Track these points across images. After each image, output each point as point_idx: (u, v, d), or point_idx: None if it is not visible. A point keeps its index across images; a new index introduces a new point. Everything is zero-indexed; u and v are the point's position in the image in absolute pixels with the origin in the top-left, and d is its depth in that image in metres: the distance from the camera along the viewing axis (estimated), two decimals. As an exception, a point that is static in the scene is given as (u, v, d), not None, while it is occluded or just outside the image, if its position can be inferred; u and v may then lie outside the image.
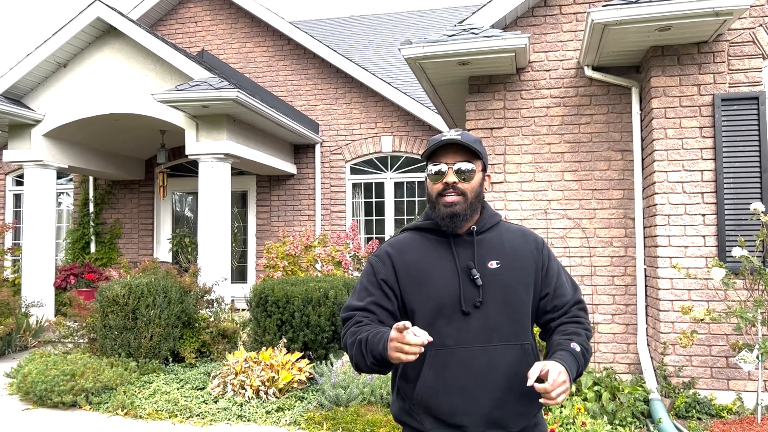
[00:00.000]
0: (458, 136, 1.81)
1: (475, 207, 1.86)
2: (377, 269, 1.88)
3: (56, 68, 8.76)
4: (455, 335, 1.78)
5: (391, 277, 1.86)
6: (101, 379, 5.49)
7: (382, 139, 10.29)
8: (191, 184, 11.20)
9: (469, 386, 1.76)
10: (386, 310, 1.84)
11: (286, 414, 4.96)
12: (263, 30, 11.03)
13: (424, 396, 1.79)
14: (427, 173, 1.87)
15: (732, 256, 4.83)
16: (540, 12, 6.06)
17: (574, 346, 1.80)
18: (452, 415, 1.77)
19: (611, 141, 5.84)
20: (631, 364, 5.66)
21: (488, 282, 1.81)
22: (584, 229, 5.85)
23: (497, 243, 1.88)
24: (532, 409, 1.83)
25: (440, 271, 1.83)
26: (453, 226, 1.83)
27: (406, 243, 1.91)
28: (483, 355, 1.77)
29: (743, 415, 4.83)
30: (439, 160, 1.83)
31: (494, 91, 6.10)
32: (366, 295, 1.87)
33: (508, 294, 1.82)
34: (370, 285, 1.87)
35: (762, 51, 5.21)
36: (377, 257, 1.91)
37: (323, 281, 6.21)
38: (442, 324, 1.79)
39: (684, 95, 5.26)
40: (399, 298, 1.85)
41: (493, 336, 1.78)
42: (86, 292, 9.05)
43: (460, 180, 1.81)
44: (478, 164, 1.86)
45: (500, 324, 1.79)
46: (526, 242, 1.93)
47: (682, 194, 5.21)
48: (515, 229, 1.96)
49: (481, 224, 1.89)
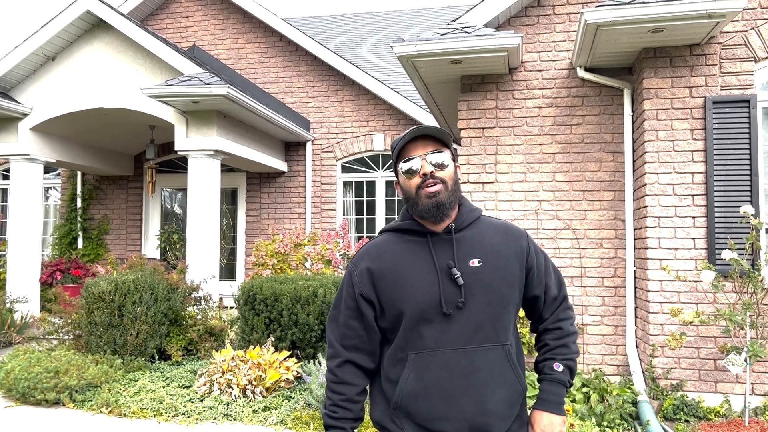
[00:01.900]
0: (424, 128, 1.79)
1: (456, 196, 1.81)
2: (355, 281, 1.84)
3: (44, 61, 8.65)
4: (437, 337, 1.74)
5: (369, 290, 1.81)
6: (86, 377, 5.41)
7: (373, 137, 10.24)
8: (180, 181, 11.11)
9: (450, 390, 1.72)
10: (366, 333, 1.84)
11: (273, 413, 4.91)
12: (255, 26, 10.95)
13: (404, 400, 1.75)
14: (401, 172, 1.82)
15: (721, 259, 4.83)
16: (533, 12, 6.04)
17: (556, 366, 1.88)
18: (432, 420, 1.73)
19: (603, 142, 5.83)
20: (619, 366, 5.65)
21: (470, 281, 1.75)
22: (575, 230, 5.84)
23: (478, 240, 1.82)
24: (514, 412, 1.80)
25: (419, 272, 1.77)
26: (440, 215, 1.77)
27: (383, 246, 1.86)
28: (463, 357, 1.73)
29: (730, 418, 4.84)
30: (411, 155, 1.79)
31: (486, 91, 6.08)
32: (348, 334, 1.84)
33: (490, 294, 1.77)
34: (350, 309, 1.84)
35: (753, 54, 5.21)
36: (356, 267, 1.86)
37: (312, 280, 6.17)
38: (424, 327, 1.74)
39: (676, 97, 5.26)
40: (378, 304, 1.81)
41: (474, 337, 1.74)
42: (72, 288, 8.95)
43: (437, 168, 1.77)
44: (448, 153, 1.82)
45: (482, 325, 1.75)
46: (508, 238, 1.86)
47: (673, 196, 5.20)
48: (498, 224, 1.90)
49: (460, 221, 1.83)
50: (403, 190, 1.86)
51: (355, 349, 1.84)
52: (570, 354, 1.88)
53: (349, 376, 1.83)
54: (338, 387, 1.83)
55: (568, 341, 1.89)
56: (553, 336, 1.91)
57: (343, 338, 1.85)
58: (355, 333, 1.83)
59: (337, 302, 1.90)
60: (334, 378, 1.84)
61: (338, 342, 1.85)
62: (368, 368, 1.86)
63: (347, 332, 1.84)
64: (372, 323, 1.83)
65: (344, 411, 1.82)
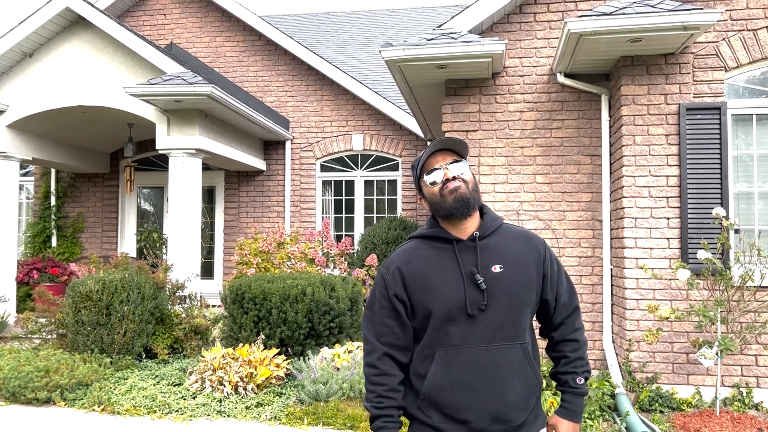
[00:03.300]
0: (443, 143, 1.98)
1: (477, 197, 1.98)
2: (388, 283, 2.00)
3: (22, 58, 8.55)
4: (462, 336, 1.91)
5: (401, 291, 1.97)
6: (76, 376, 5.44)
7: (352, 137, 10.36)
8: (156, 179, 11.07)
9: (473, 384, 1.89)
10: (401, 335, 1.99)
11: (266, 409, 5.02)
12: (234, 25, 10.96)
13: (432, 392, 1.92)
14: (426, 183, 2.00)
15: (695, 258, 5.10)
16: (515, 19, 6.25)
17: (578, 380, 2.07)
18: (458, 410, 1.90)
19: (581, 146, 6.07)
20: (597, 360, 5.90)
21: (492, 286, 1.92)
22: (554, 230, 6.07)
23: (501, 247, 1.99)
24: (531, 404, 1.98)
25: (446, 277, 1.94)
26: (465, 209, 1.93)
27: (413, 252, 2.02)
28: (486, 354, 1.90)
29: (702, 409, 5.12)
30: (432, 167, 1.98)
31: (470, 95, 6.26)
32: (384, 331, 1.99)
33: (511, 297, 1.94)
34: (384, 309, 2.00)
35: (724, 63, 5.50)
36: (388, 270, 2.03)
37: (300, 278, 6.27)
38: (450, 326, 1.91)
39: (651, 104, 5.51)
40: (409, 305, 1.98)
41: (496, 336, 1.91)
42: (51, 287, 8.87)
43: (457, 175, 1.96)
44: (466, 162, 2.02)
45: (503, 325, 1.92)
46: (529, 246, 2.04)
47: (649, 198, 5.46)
48: (519, 232, 2.07)
49: (484, 229, 2.00)
50: (428, 200, 2.03)
51: (390, 345, 1.99)
52: (586, 366, 2.10)
53: (388, 368, 1.98)
54: (380, 378, 1.98)
55: (583, 353, 2.10)
56: (571, 348, 2.10)
57: (379, 335, 2.00)
58: (390, 330, 1.99)
59: (370, 304, 2.05)
60: (375, 371, 1.99)
61: (375, 338, 2.01)
62: (402, 362, 2.01)
63: (382, 330, 1.99)
64: (405, 320, 1.98)
65: (389, 400, 1.96)
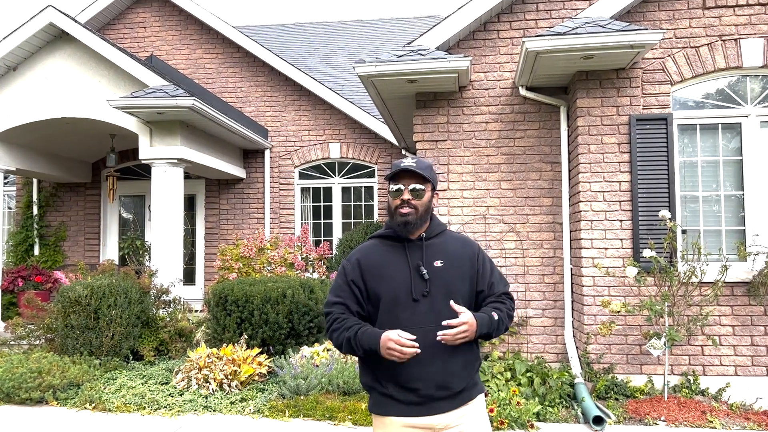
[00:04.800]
0: (414, 163, 2.38)
1: (425, 218, 2.43)
2: (347, 271, 2.44)
3: (6, 71, 8.79)
4: (410, 318, 2.32)
5: (358, 277, 2.41)
6: (68, 376, 5.72)
7: (330, 145, 10.74)
8: (138, 188, 11.32)
9: (420, 358, 2.28)
10: (355, 302, 2.41)
11: (250, 404, 5.36)
12: (213, 37, 11.28)
13: (388, 366, 2.31)
14: (389, 190, 2.43)
15: (644, 257, 5.56)
16: (480, 36, 6.68)
17: (493, 314, 2.39)
18: (409, 380, 2.31)
19: (542, 154, 6.52)
20: (559, 353, 6.33)
21: (434, 277, 2.36)
22: (518, 233, 6.50)
23: (442, 247, 2.45)
24: (470, 373, 2.40)
25: (396, 268, 2.38)
26: (406, 231, 2.40)
27: (371, 248, 2.48)
28: (432, 333, 2.29)
29: (653, 395, 5.57)
30: (398, 182, 2.40)
31: (439, 107, 6.68)
32: (340, 292, 2.44)
33: (449, 286, 2.37)
34: (343, 284, 2.45)
35: (670, 78, 5.99)
36: (348, 261, 2.47)
37: (280, 281, 6.62)
38: (399, 310, 2.33)
39: (605, 115, 5.98)
40: (364, 290, 2.41)
41: (438, 319, 2.31)
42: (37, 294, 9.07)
43: (413, 197, 2.38)
44: (428, 186, 2.43)
45: (443, 310, 2.32)
46: (465, 247, 2.50)
47: (603, 202, 5.92)
48: (458, 237, 2.55)
49: (430, 232, 2.46)
50: (388, 205, 2.48)
51: (344, 300, 2.42)
52: (503, 316, 2.44)
53: (342, 308, 2.41)
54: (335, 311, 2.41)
55: (506, 310, 2.47)
56: (497, 302, 2.48)
57: (335, 295, 2.44)
58: (345, 293, 2.43)
59: (331, 288, 2.50)
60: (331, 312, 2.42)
61: (332, 297, 2.45)
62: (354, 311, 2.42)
63: (339, 292, 2.44)
64: (360, 300, 2.42)
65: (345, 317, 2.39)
